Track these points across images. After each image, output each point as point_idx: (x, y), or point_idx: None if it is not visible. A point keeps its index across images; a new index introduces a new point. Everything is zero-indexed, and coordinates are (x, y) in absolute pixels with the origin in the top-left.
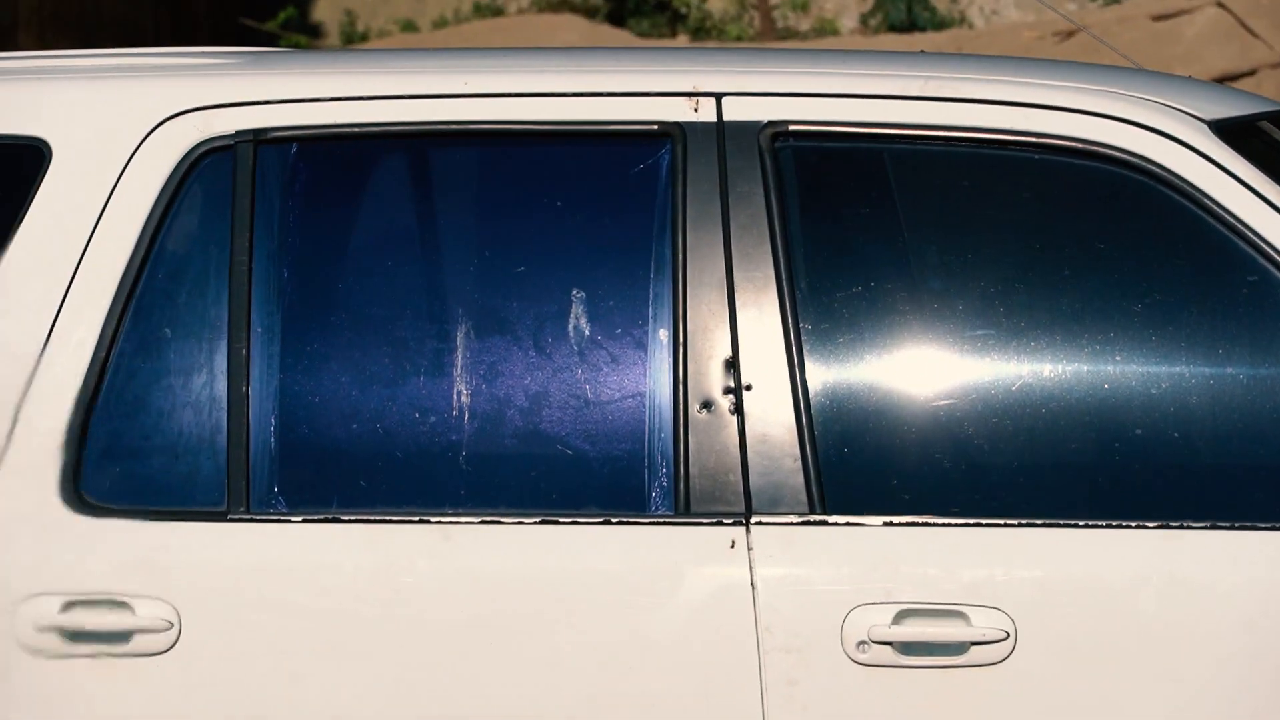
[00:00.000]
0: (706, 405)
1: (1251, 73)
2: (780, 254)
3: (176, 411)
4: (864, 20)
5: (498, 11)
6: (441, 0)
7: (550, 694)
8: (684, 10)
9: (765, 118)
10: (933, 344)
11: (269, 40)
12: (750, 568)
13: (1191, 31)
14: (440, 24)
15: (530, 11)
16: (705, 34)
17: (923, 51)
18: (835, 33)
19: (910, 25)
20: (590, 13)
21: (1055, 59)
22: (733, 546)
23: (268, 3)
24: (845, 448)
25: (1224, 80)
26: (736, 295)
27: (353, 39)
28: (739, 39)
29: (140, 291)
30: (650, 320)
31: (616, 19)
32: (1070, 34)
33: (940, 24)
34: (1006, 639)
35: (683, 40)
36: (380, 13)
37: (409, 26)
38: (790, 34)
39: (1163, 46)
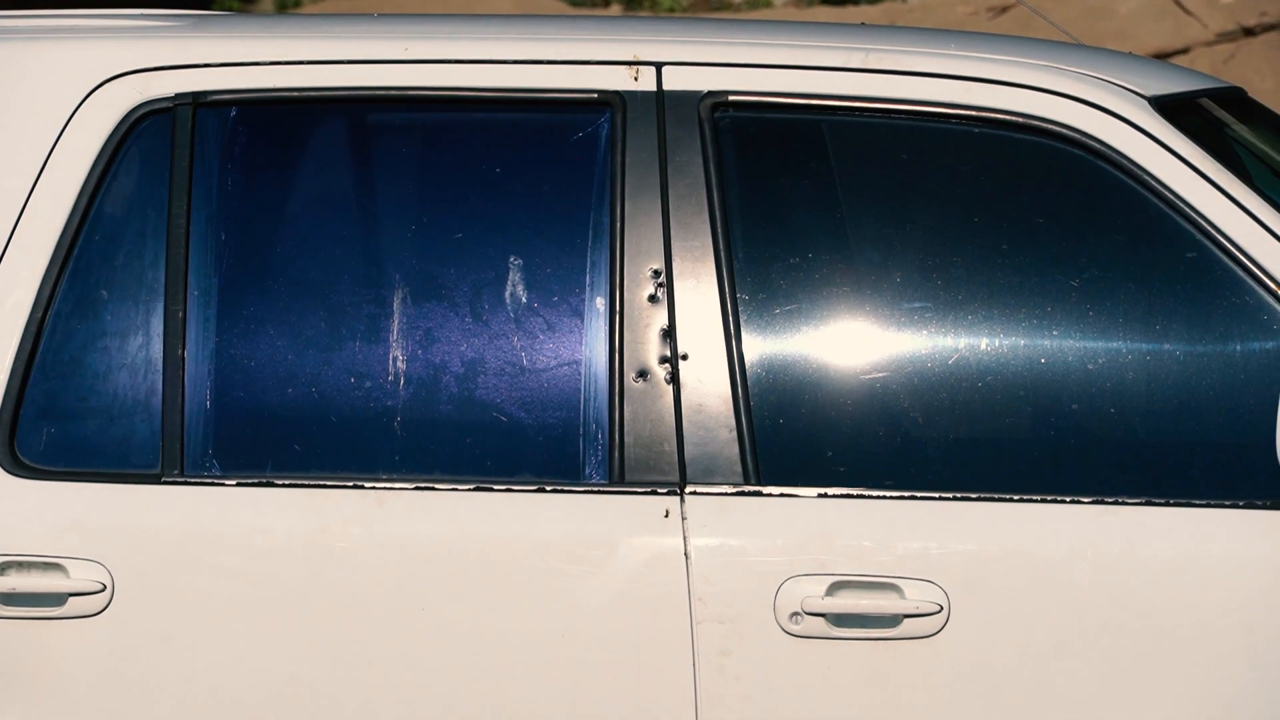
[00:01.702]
0: (642, 374)
1: (1185, 50)
2: (718, 224)
3: (112, 374)
4: None
5: None
6: None
7: (482, 661)
8: None
9: (705, 88)
10: (870, 316)
11: (204, 4)
12: (684, 538)
13: (1125, 9)
14: None
15: None
16: (639, 4)
17: (864, 24)
18: (768, 4)
19: None
20: None
21: (996, 33)
22: (667, 516)
23: None
24: (781, 418)
25: (1157, 58)
26: (674, 265)
27: (287, 4)
28: (672, 10)
29: (77, 253)
30: (587, 289)
31: None
32: (1004, 9)
33: None
34: (940, 612)
35: (616, 10)
36: None
37: None
38: (724, 5)
39: (1096, 23)
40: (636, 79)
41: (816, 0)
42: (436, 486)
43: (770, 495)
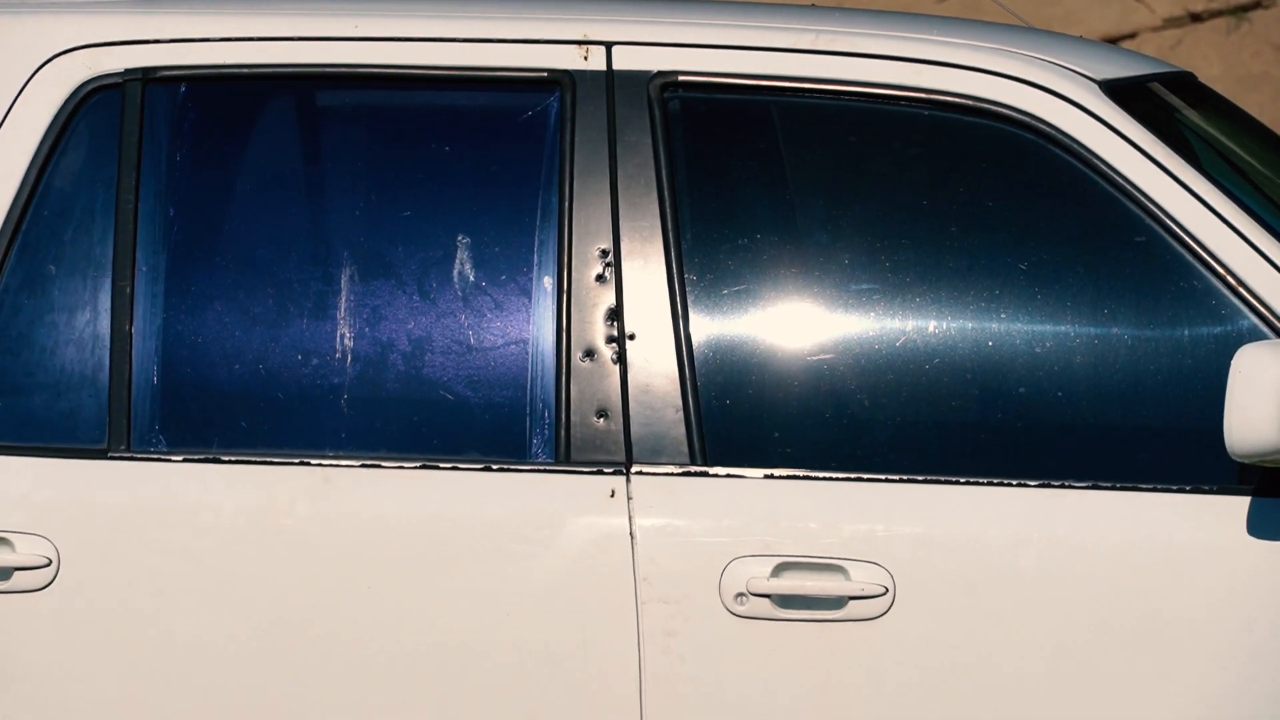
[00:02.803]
0: (589, 354)
1: (1132, 35)
2: (667, 204)
3: (60, 349)
4: None
5: None
6: None
7: (427, 639)
8: None
9: (655, 68)
10: (817, 298)
11: None
12: (630, 517)
13: None
14: None
15: None
16: None
17: (814, 5)
18: None
19: None
20: None
21: (947, 16)
22: (612, 496)
23: None
24: (727, 399)
25: (1106, 42)
26: (622, 244)
27: None
28: None
29: (26, 228)
30: (535, 267)
31: None
32: None
33: None
34: (885, 594)
35: None
36: None
37: None
38: None
39: (1044, 7)
40: (586, 58)
41: None
42: (383, 464)
43: (716, 476)
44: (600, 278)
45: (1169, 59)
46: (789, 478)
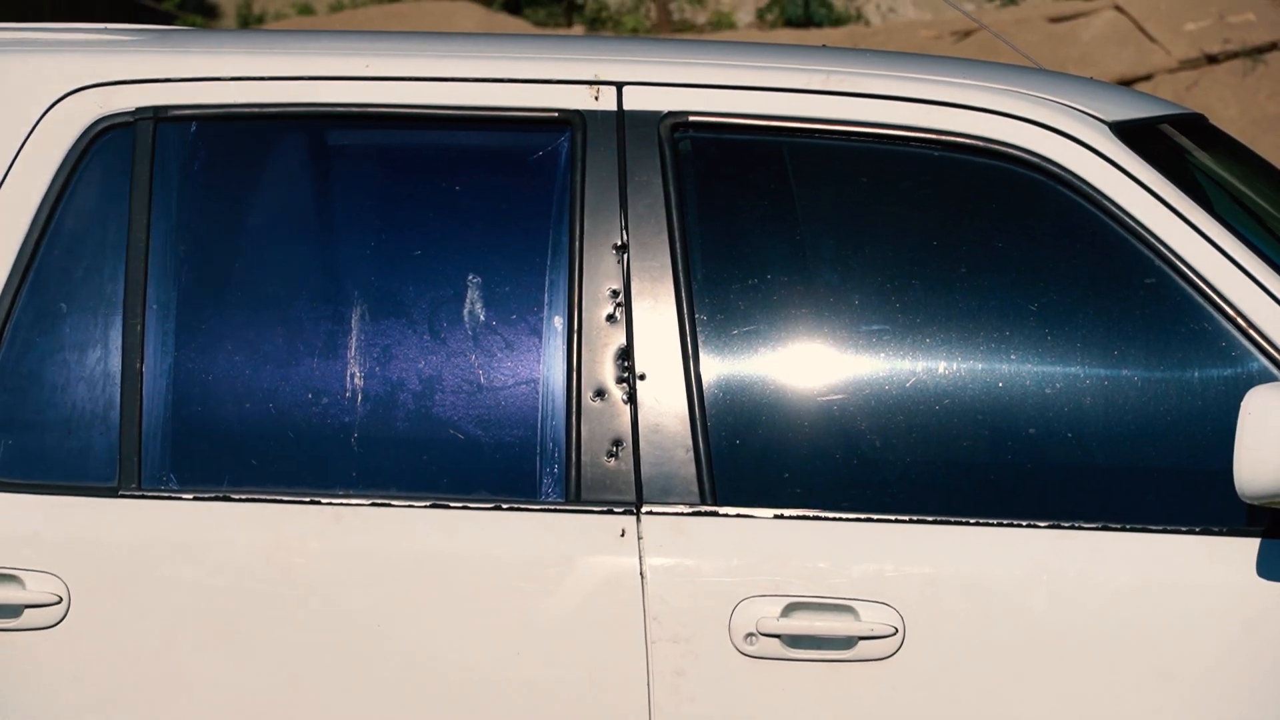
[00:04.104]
0: (600, 394)
1: (1148, 77)
2: (677, 244)
3: (70, 386)
4: (760, 15)
5: None
6: None
7: (437, 678)
8: (580, 1)
9: (666, 108)
10: (827, 338)
11: (165, 19)
12: (640, 557)
13: (1088, 34)
14: (336, 8)
15: None
16: (601, 25)
17: (825, 46)
18: (732, 26)
19: (807, 20)
20: (486, 1)
21: (958, 57)
22: (623, 535)
23: None
24: (737, 439)
25: (1121, 84)
26: (632, 284)
27: (249, 21)
28: (635, 30)
29: (37, 266)
30: (546, 307)
31: (513, 8)
32: (968, 33)
33: (837, 20)
34: (895, 634)
35: (579, 30)
36: None
37: (305, 10)
38: (687, 26)
39: (1059, 49)
40: (597, 98)
41: (779, 22)
42: (393, 503)
43: (726, 515)
44: (611, 317)
45: (1185, 101)
46: (799, 518)
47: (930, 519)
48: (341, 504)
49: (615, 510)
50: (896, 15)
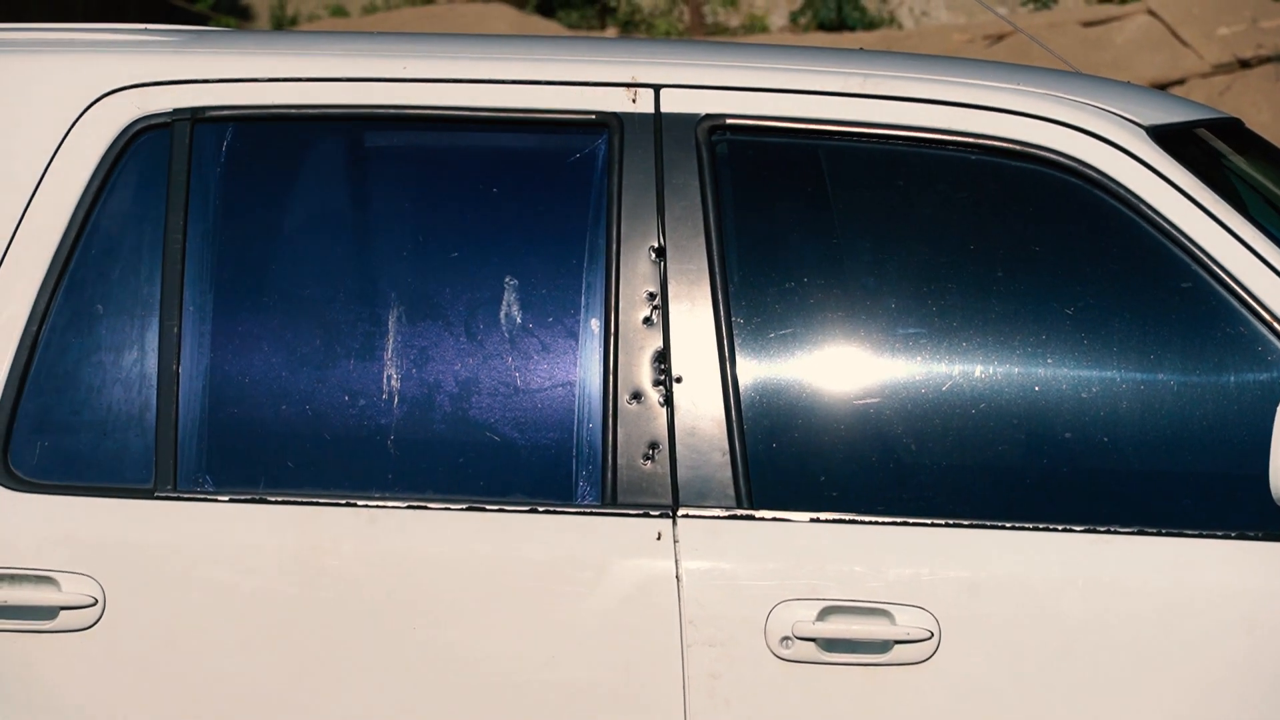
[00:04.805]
0: (636, 396)
1: (1181, 81)
2: (714, 247)
3: (107, 388)
4: (794, 18)
5: None
6: None
7: (472, 680)
8: (613, 3)
9: (703, 110)
10: (864, 342)
11: (198, 20)
12: (676, 560)
13: (1121, 38)
14: (370, 10)
15: (460, 0)
16: (634, 27)
17: (862, 49)
18: (765, 29)
19: (840, 24)
20: (520, 3)
21: (994, 61)
22: (659, 538)
23: None
24: (774, 443)
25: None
26: (669, 287)
27: (282, 22)
28: (667, 33)
29: (74, 267)
30: (582, 310)
31: (546, 10)
32: (1000, 37)
33: (870, 24)
34: (930, 638)
35: (612, 33)
36: None
37: (338, 11)
38: (720, 30)
39: (1092, 53)
40: (634, 101)
41: (812, 25)
42: (429, 505)
43: (762, 519)
44: (647, 320)
45: (1218, 105)
46: (835, 521)
47: (966, 523)
48: (377, 506)
49: (651, 513)
50: (929, 19)
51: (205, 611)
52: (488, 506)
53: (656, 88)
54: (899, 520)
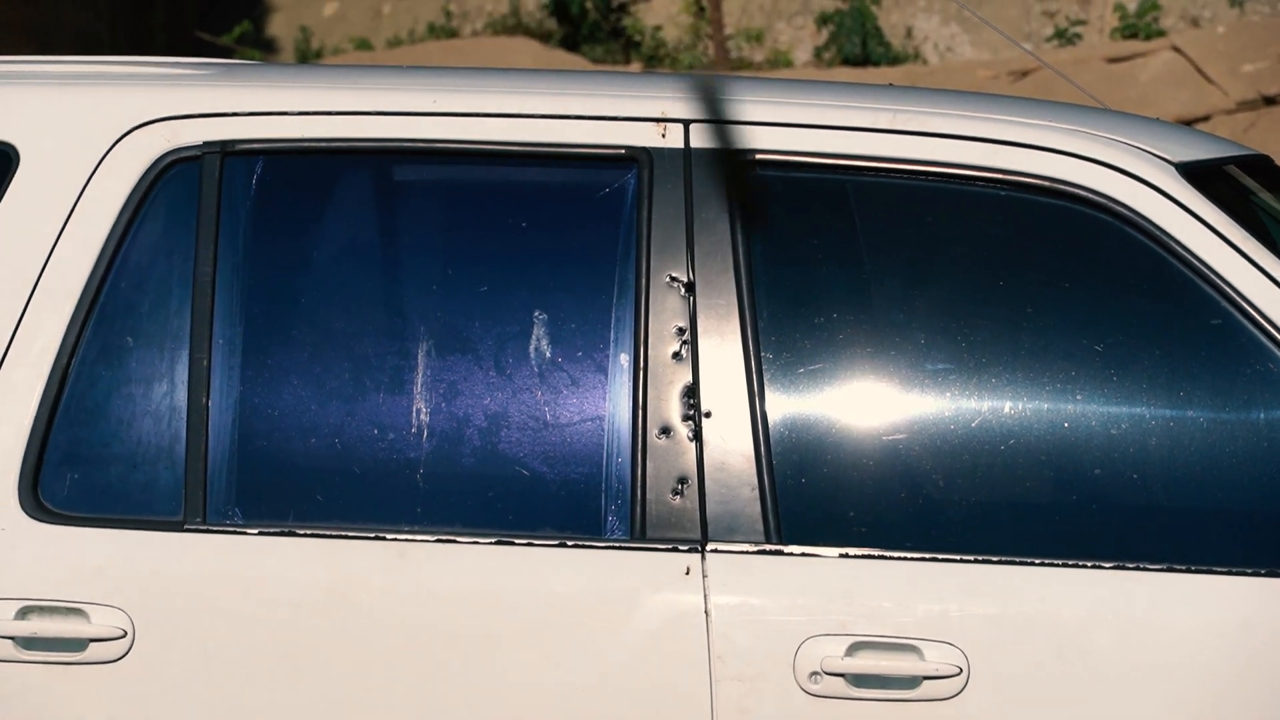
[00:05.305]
0: (665, 431)
1: (1206, 118)
2: (743, 282)
3: (136, 421)
4: (818, 53)
5: (452, 33)
6: (396, 20)
7: (501, 715)
8: (638, 38)
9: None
10: (893, 378)
11: (224, 54)
12: (705, 595)
13: (1146, 75)
14: (395, 43)
15: (485, 34)
16: (658, 62)
17: (891, 85)
18: (789, 64)
19: (865, 59)
20: (544, 37)
21: (1022, 97)
22: (688, 573)
23: (223, 17)
24: (803, 478)
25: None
26: (699, 322)
27: (307, 56)
28: (691, 67)
29: (103, 300)
30: (611, 344)
31: (570, 44)
32: (1025, 73)
33: (895, 59)
34: (959, 674)
35: (636, 67)
36: (335, 30)
37: (364, 45)
38: (744, 64)
39: (1117, 89)
40: (664, 136)
41: (836, 60)
42: (458, 539)
43: (791, 554)
44: (677, 355)
45: (1242, 141)
46: (864, 557)
47: (995, 559)
48: (406, 540)
49: (680, 548)
50: (954, 55)
51: (234, 644)
52: (517, 540)
53: (686, 122)
54: (928, 556)
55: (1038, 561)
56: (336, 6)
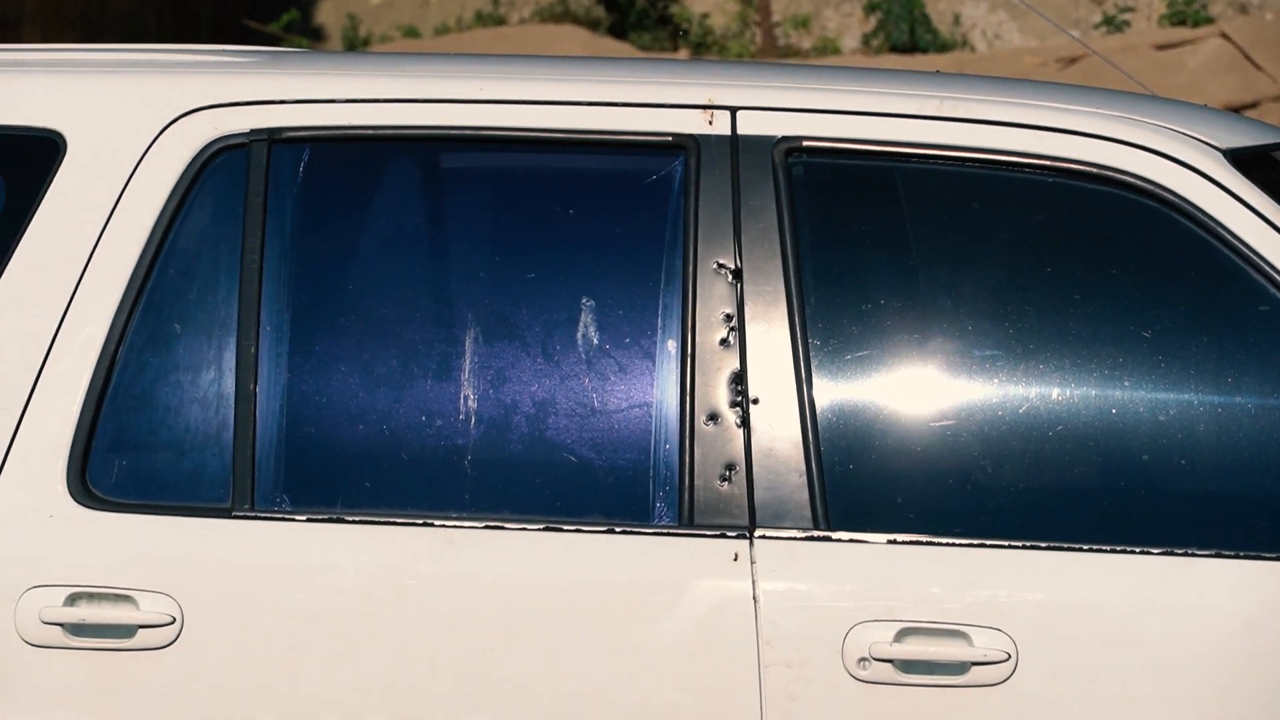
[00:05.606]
0: (713, 417)
1: (1254, 104)
2: (790, 269)
3: (184, 407)
4: (866, 40)
5: (500, 20)
6: (444, 7)
7: (549, 700)
8: (685, 25)
9: (780, 132)
10: (940, 363)
11: (271, 42)
12: (753, 581)
13: (1194, 62)
14: (442, 31)
15: (532, 22)
16: (706, 49)
17: (938, 71)
18: (837, 51)
19: (912, 46)
20: (592, 25)
21: (1069, 83)
22: (736, 559)
23: (270, 5)
24: (850, 464)
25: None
26: (746, 308)
27: (355, 44)
28: (739, 55)
29: (151, 287)
30: (659, 331)
31: (618, 32)
32: (1073, 60)
33: (942, 46)
34: (1007, 660)
35: (684, 55)
36: (383, 18)
37: (411, 33)
38: (792, 52)
39: (1165, 76)
40: (711, 123)
41: (884, 47)
42: (506, 526)
43: (840, 540)
44: (724, 342)
45: None
46: (912, 543)
47: (1043, 545)
48: (454, 526)
49: (728, 534)
50: (1002, 41)
51: (282, 631)
52: (565, 527)
53: (733, 110)
54: (976, 542)
55: (1086, 548)
56: None
